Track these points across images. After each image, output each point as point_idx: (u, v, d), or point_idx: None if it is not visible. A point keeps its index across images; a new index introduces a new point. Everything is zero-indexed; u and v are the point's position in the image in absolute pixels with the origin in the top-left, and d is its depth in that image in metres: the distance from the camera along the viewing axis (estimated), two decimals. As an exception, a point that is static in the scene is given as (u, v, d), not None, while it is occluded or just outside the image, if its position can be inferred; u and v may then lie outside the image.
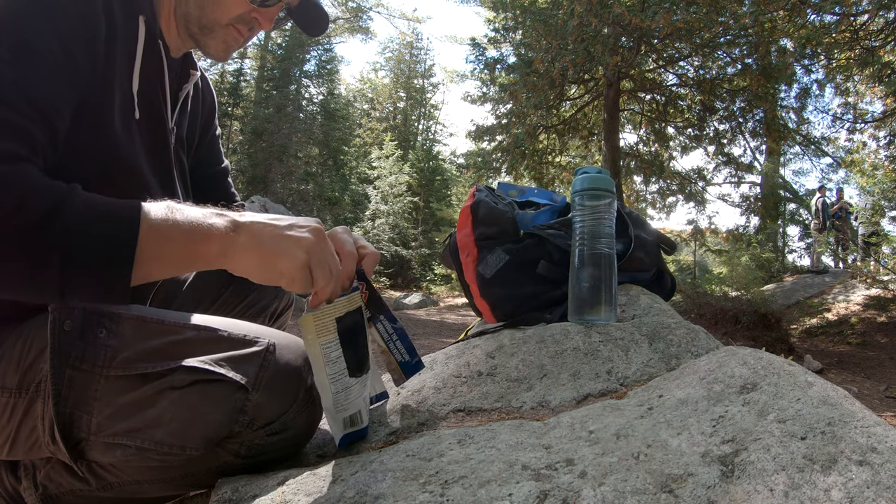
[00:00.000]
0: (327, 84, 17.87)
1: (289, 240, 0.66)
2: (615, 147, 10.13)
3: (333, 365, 0.73)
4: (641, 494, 0.50)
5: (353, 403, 0.76)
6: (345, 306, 0.74)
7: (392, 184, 16.93)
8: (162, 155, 0.91)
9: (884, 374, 5.02)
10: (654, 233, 1.32)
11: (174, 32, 0.91)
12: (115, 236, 0.61)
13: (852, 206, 9.58)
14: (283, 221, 0.68)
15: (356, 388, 0.77)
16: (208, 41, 0.90)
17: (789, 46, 8.98)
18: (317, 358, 0.71)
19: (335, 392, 0.73)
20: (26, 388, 0.70)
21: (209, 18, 0.88)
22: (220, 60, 0.96)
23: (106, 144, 0.78)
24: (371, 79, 28.78)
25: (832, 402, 0.58)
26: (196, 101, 1.06)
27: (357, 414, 0.77)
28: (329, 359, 0.72)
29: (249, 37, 0.93)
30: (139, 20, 0.83)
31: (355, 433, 0.78)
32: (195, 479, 0.76)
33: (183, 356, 0.70)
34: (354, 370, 0.76)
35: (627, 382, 0.87)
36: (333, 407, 0.74)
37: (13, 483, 0.80)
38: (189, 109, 1.02)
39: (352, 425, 0.77)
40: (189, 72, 0.98)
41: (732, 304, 6.08)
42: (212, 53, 0.92)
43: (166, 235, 0.63)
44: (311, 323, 0.70)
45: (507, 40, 10.58)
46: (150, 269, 0.63)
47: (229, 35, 0.90)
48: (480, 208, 1.27)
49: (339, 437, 0.76)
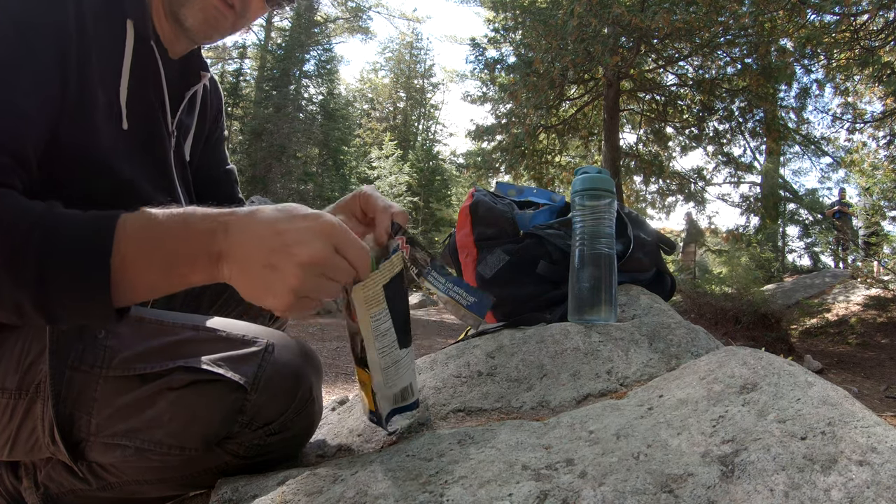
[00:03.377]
0: (327, 84, 17.86)
1: (271, 275, 0.56)
2: (615, 147, 10.13)
3: (383, 338, 0.68)
4: (641, 494, 0.50)
5: (403, 377, 0.72)
6: (388, 271, 0.68)
7: (392, 184, 16.92)
8: (160, 162, 0.87)
9: (884, 374, 5.02)
10: (654, 233, 1.32)
11: (169, 32, 0.86)
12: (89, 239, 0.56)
13: (852, 205, 9.57)
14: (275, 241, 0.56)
15: (405, 361, 0.72)
16: (186, 12, 0.81)
17: (789, 46, 8.97)
18: (367, 333, 0.66)
19: (384, 367, 0.69)
20: (26, 390, 0.70)
21: None
22: (202, 38, 0.86)
23: (89, 158, 0.74)
24: (371, 79, 28.80)
25: (832, 402, 0.58)
26: (205, 102, 1.02)
27: (408, 388, 0.74)
28: (378, 332, 0.67)
29: (243, 12, 0.84)
30: (127, 24, 0.78)
31: (404, 408, 0.74)
32: (195, 480, 0.76)
33: (181, 356, 0.70)
34: (404, 341, 0.71)
35: (627, 382, 0.87)
36: (384, 384, 0.69)
37: (14, 483, 0.80)
38: (198, 109, 0.99)
39: (403, 400, 0.73)
40: (199, 73, 0.94)
41: (732, 304, 6.07)
42: (190, 25, 0.82)
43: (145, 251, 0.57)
44: (361, 294, 0.64)
45: (506, 40, 10.58)
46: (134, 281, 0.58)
47: (208, 3, 0.81)
48: (480, 208, 1.27)
49: (385, 414, 0.71)
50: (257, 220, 0.58)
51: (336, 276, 0.59)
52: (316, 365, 0.81)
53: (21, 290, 0.55)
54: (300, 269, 0.55)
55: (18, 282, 0.55)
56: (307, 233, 0.57)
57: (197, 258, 0.58)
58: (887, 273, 7.22)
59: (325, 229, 0.57)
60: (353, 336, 0.71)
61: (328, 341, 5.45)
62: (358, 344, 0.70)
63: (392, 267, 0.69)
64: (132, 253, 0.57)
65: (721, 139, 11.58)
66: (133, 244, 0.57)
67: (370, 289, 0.65)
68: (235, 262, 0.57)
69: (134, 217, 0.58)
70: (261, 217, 0.58)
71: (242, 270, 0.57)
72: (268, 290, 0.57)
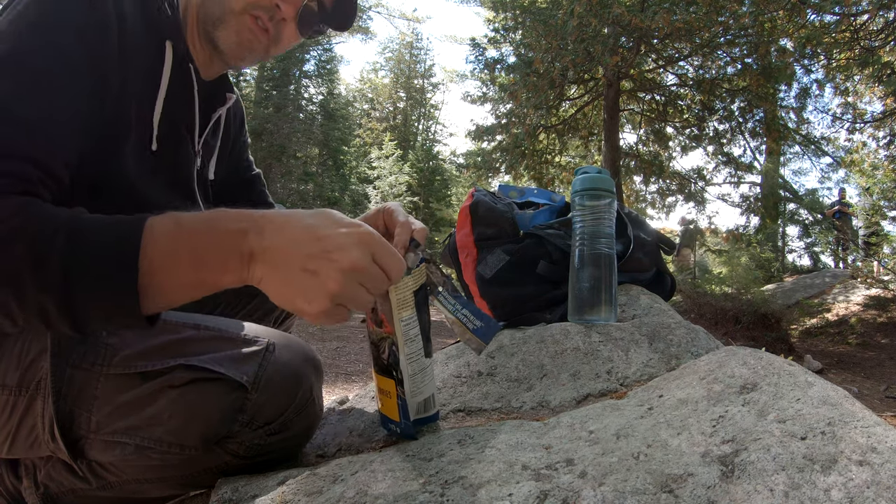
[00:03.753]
0: (327, 84, 17.87)
1: (310, 279, 0.55)
2: (615, 147, 10.13)
3: (412, 344, 0.69)
4: (641, 494, 0.50)
5: (426, 387, 0.73)
6: (417, 279, 0.69)
7: (392, 184, 16.92)
8: (184, 183, 0.88)
9: (884, 374, 5.02)
10: (654, 233, 1.32)
11: (203, 54, 0.87)
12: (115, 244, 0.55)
13: (852, 205, 9.57)
14: (315, 246, 0.55)
15: (429, 371, 0.73)
16: (220, 34, 0.83)
17: (789, 46, 8.97)
18: (399, 336, 0.67)
19: (412, 374, 0.70)
20: (26, 387, 0.70)
21: (221, 8, 0.82)
22: (235, 62, 0.87)
23: (115, 177, 0.74)
24: (371, 79, 28.79)
25: (832, 402, 0.58)
26: (228, 120, 1.02)
27: (430, 398, 0.75)
28: (408, 336, 0.68)
29: (276, 39, 0.85)
30: (166, 45, 0.79)
31: (427, 419, 0.75)
32: (195, 479, 0.76)
33: (182, 355, 0.70)
34: (428, 351, 0.72)
35: (627, 382, 0.87)
36: (410, 392, 0.70)
37: (14, 482, 0.80)
38: (222, 129, 0.99)
39: (426, 410, 0.74)
40: (225, 95, 0.95)
41: (732, 304, 6.08)
42: (224, 48, 0.84)
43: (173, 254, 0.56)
44: (394, 295, 0.65)
45: (506, 40, 10.58)
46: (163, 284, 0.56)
47: (243, 25, 0.82)
48: (479, 208, 1.27)
49: (410, 423, 0.72)
50: (295, 223, 0.57)
51: (373, 284, 0.58)
52: (316, 365, 0.81)
53: (46, 295, 0.54)
54: (342, 275, 0.55)
55: (43, 287, 0.53)
56: (347, 239, 0.56)
57: (228, 258, 0.57)
58: (887, 273, 7.22)
59: (364, 238, 0.57)
60: (377, 342, 0.72)
61: (328, 341, 5.45)
62: (386, 350, 0.70)
63: (421, 275, 0.70)
64: (160, 256, 0.55)
65: (721, 139, 11.57)
66: (161, 247, 0.56)
67: (402, 292, 0.66)
68: (270, 264, 0.56)
69: (161, 220, 0.57)
70: (299, 221, 0.57)
71: (278, 273, 0.56)
72: (304, 295, 0.56)
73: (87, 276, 0.54)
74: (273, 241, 0.56)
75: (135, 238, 0.55)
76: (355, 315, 0.63)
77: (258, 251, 0.56)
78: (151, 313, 0.58)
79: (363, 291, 0.58)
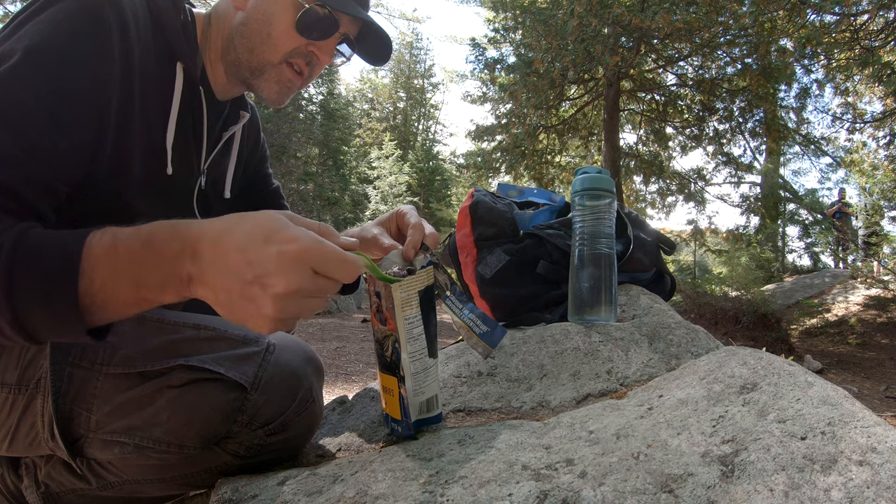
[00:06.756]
0: (327, 84, 17.86)
1: (249, 305, 0.53)
2: (615, 147, 10.13)
3: (414, 342, 0.69)
4: (641, 494, 0.50)
5: (429, 387, 0.73)
6: (424, 280, 0.70)
7: (392, 184, 16.93)
8: (183, 202, 0.87)
9: (884, 374, 5.03)
10: (654, 233, 1.32)
11: (222, 77, 0.87)
12: (58, 262, 0.54)
13: (852, 205, 9.58)
14: (247, 273, 0.52)
15: (433, 371, 0.74)
16: (261, 84, 0.85)
17: (789, 46, 8.97)
18: (402, 334, 0.68)
19: (414, 373, 0.70)
20: (26, 385, 0.70)
21: (259, 60, 0.83)
22: (276, 104, 0.88)
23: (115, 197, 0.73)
24: (371, 79, 28.79)
25: (832, 402, 0.58)
26: (243, 136, 1.01)
27: (433, 399, 0.75)
28: (411, 335, 0.69)
29: (310, 76, 0.87)
30: (177, 67, 0.78)
31: (429, 419, 0.75)
32: (195, 479, 0.76)
33: (182, 355, 0.70)
34: (432, 351, 0.72)
35: (627, 382, 0.87)
36: (412, 390, 0.70)
37: (15, 481, 0.80)
38: (236, 146, 0.98)
39: (428, 411, 0.74)
40: (239, 113, 0.94)
41: (732, 304, 6.08)
42: (266, 97, 0.86)
43: (111, 274, 0.55)
44: (398, 293, 0.66)
45: (506, 40, 10.57)
46: (105, 302, 0.56)
47: (283, 75, 0.84)
48: (479, 208, 1.27)
49: (411, 422, 0.73)
50: (227, 247, 0.53)
51: (322, 293, 0.55)
52: (316, 365, 0.81)
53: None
54: (278, 301, 0.52)
55: None
56: (279, 261, 0.51)
57: (166, 281, 0.55)
58: (887, 273, 7.22)
59: (299, 255, 0.52)
60: (381, 340, 0.72)
61: (328, 341, 5.45)
62: (389, 347, 0.71)
63: (427, 276, 0.71)
64: (100, 276, 0.55)
65: (721, 139, 11.57)
66: (100, 266, 0.55)
67: (406, 291, 0.67)
68: (210, 287, 0.54)
69: (99, 238, 0.56)
70: (232, 241, 0.53)
71: (218, 297, 0.54)
72: (247, 319, 0.54)
73: (32, 296, 0.54)
74: (207, 269, 0.54)
75: (75, 258, 0.54)
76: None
77: (196, 275, 0.54)
78: (100, 325, 0.57)
79: (310, 303, 0.55)
